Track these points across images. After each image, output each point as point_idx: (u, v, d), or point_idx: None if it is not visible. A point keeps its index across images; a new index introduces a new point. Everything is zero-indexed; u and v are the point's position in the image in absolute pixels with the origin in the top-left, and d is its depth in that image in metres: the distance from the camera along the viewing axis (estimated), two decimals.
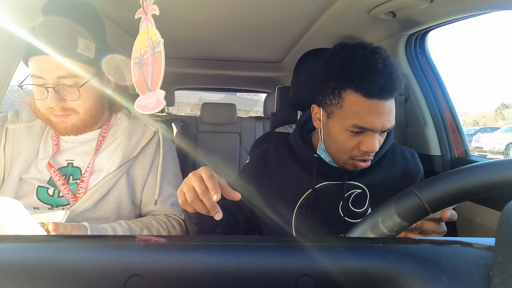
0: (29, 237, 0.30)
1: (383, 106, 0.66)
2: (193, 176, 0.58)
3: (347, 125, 0.69)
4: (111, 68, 0.84)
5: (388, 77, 0.65)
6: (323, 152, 0.78)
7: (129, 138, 0.85)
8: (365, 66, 0.66)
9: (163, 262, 0.27)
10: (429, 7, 0.86)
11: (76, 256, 0.27)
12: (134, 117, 0.92)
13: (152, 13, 0.61)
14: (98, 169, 0.82)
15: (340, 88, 0.69)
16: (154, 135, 0.89)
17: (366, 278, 0.27)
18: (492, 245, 0.27)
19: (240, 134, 2.63)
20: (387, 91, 0.65)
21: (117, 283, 0.26)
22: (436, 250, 0.28)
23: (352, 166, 0.74)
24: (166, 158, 0.90)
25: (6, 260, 0.27)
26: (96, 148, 0.84)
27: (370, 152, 0.70)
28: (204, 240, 0.30)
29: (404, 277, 0.26)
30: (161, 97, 0.59)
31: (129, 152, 0.84)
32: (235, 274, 0.27)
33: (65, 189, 0.78)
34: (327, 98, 0.72)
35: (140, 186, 0.86)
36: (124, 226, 0.76)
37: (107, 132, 0.87)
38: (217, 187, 0.56)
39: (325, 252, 0.28)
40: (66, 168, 0.81)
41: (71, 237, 0.31)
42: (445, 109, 1.09)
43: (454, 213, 0.53)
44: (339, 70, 0.69)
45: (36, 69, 0.73)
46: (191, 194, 0.57)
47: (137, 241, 0.29)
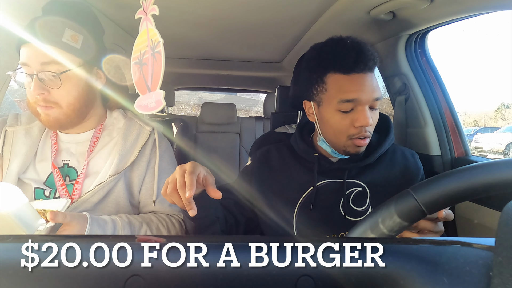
0: (29, 237, 0.30)
1: (364, 78, 0.71)
2: (179, 169, 0.59)
3: (335, 104, 0.72)
4: (110, 68, 0.84)
5: (359, 50, 0.71)
6: (323, 143, 0.79)
7: (125, 139, 0.84)
8: (336, 48, 0.73)
9: (163, 262, 0.27)
10: (429, 7, 0.86)
11: (76, 256, 0.27)
12: (130, 117, 0.91)
13: (152, 13, 0.61)
14: (94, 171, 0.81)
15: (321, 74, 0.74)
16: (150, 135, 0.88)
17: (366, 278, 0.27)
18: (492, 245, 0.27)
19: (240, 134, 2.63)
20: (362, 62, 0.70)
21: (117, 283, 0.26)
22: (436, 250, 0.28)
23: (353, 147, 0.74)
24: (162, 158, 0.89)
25: (6, 260, 0.27)
26: (90, 149, 0.83)
27: (364, 125, 0.71)
28: (204, 240, 0.30)
29: (404, 277, 0.26)
30: (161, 97, 0.59)
31: (125, 154, 0.83)
32: (235, 274, 0.27)
33: (62, 190, 0.78)
34: (313, 89, 0.77)
35: (137, 187, 0.85)
36: (124, 219, 0.76)
37: (101, 132, 0.86)
38: (192, 184, 0.56)
39: (325, 252, 0.28)
40: (62, 168, 0.81)
41: (71, 237, 0.31)
42: (445, 109, 1.09)
43: (450, 213, 0.54)
44: (316, 59, 0.76)
45: (23, 57, 0.75)
46: (171, 186, 0.59)
47: (137, 241, 0.29)
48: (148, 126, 0.89)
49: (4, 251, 0.27)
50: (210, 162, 2.38)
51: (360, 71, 0.71)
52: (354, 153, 0.76)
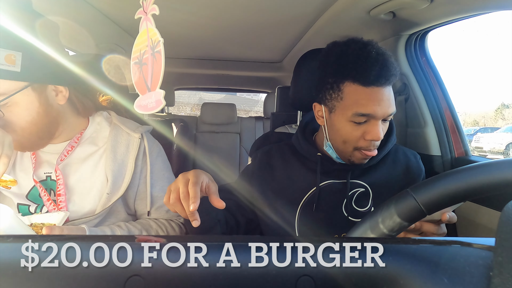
0: (30, 237, 0.30)
1: (382, 92, 0.69)
2: (182, 178, 0.58)
3: (349, 115, 0.70)
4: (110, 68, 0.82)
5: (383, 64, 0.68)
6: (330, 149, 0.78)
7: (114, 152, 0.78)
8: (359, 56, 0.69)
9: (163, 262, 0.27)
10: (429, 7, 0.86)
11: (76, 256, 0.27)
12: (115, 124, 0.82)
13: (152, 13, 0.61)
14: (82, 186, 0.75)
15: (338, 81, 0.71)
16: (140, 143, 0.81)
17: (366, 278, 0.27)
18: (492, 245, 0.27)
19: (240, 134, 2.63)
20: (383, 77, 0.68)
21: (117, 283, 0.26)
22: (436, 250, 0.28)
23: (358, 158, 0.74)
24: (154, 165, 0.83)
25: (6, 260, 0.27)
26: (60, 158, 0.75)
27: (375, 140, 0.70)
28: (204, 240, 0.30)
29: (404, 277, 0.26)
30: (161, 97, 0.59)
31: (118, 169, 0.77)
32: (235, 274, 0.27)
33: (50, 205, 0.73)
34: (327, 94, 0.74)
35: (131, 199, 0.82)
36: (123, 229, 0.75)
37: (79, 141, 0.78)
38: (197, 196, 0.55)
39: (325, 252, 0.28)
40: (46, 181, 0.75)
41: (71, 237, 0.31)
42: (445, 109, 1.09)
43: (453, 215, 0.53)
44: (335, 65, 0.72)
45: None
46: (174, 196, 0.57)
47: (137, 241, 0.29)
48: (136, 133, 0.81)
49: (4, 251, 0.27)
50: (210, 162, 2.38)
51: (380, 85, 0.68)
52: (358, 163, 0.76)
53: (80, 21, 1.18)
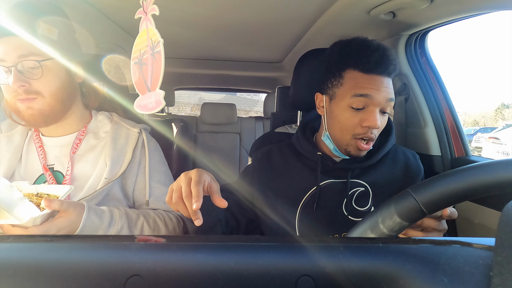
0: (29, 237, 0.30)
1: (381, 80, 0.72)
2: (184, 177, 0.58)
3: (348, 99, 0.72)
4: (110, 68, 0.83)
5: (382, 53, 0.72)
6: (327, 139, 0.79)
7: (114, 143, 0.84)
8: (361, 46, 0.74)
9: (163, 262, 0.27)
10: (429, 7, 0.86)
11: (76, 256, 0.27)
12: (116, 121, 0.90)
13: (152, 13, 0.61)
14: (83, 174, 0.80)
15: (340, 69, 0.75)
16: (138, 137, 0.88)
17: (366, 278, 0.27)
18: (492, 245, 0.27)
19: (240, 134, 2.63)
20: (382, 65, 0.71)
21: (117, 283, 0.26)
22: (436, 250, 0.28)
23: (355, 148, 0.75)
24: (152, 158, 0.89)
25: (6, 260, 0.27)
26: (72, 151, 0.82)
27: (372, 127, 0.71)
28: (204, 240, 0.30)
29: (404, 277, 0.26)
30: (161, 97, 0.59)
31: (117, 157, 0.82)
32: (235, 274, 0.27)
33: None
34: (328, 82, 0.78)
35: (130, 189, 0.85)
36: (121, 210, 0.76)
37: (84, 134, 0.85)
38: (199, 196, 0.55)
39: (325, 252, 0.28)
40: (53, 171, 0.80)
41: (71, 237, 0.31)
42: (445, 109, 1.09)
43: (454, 211, 0.54)
44: (338, 55, 0.77)
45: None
46: (176, 195, 0.57)
47: (137, 241, 0.29)
48: (135, 128, 0.89)
49: (4, 251, 0.27)
50: (210, 162, 2.38)
51: (379, 73, 0.71)
52: (355, 155, 0.76)
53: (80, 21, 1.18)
